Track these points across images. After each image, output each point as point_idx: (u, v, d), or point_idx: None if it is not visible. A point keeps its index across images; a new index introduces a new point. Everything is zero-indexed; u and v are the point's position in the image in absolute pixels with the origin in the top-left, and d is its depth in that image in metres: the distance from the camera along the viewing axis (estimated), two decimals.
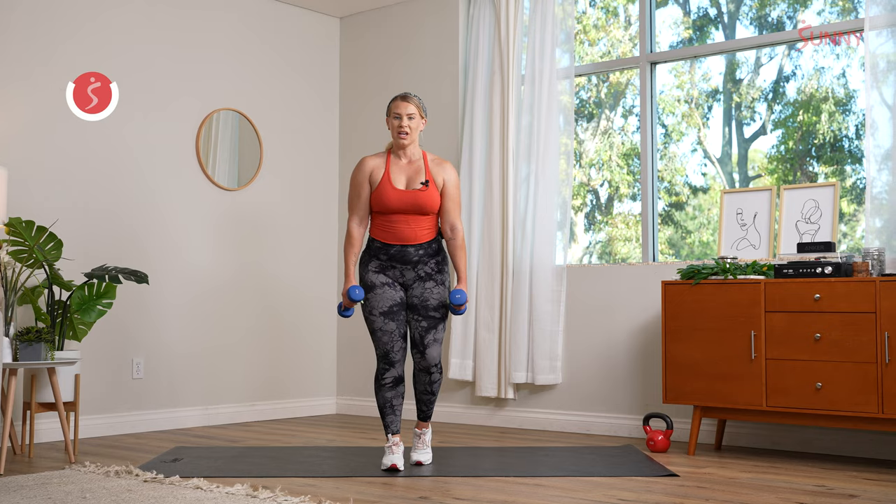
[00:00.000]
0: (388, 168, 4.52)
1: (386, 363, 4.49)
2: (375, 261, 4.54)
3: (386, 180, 4.49)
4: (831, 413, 4.55)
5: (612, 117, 6.44)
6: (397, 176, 4.52)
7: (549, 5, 6.07)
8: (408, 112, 4.51)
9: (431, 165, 4.56)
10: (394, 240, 4.50)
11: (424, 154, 4.59)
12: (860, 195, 5.40)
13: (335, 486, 4.09)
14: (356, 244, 4.57)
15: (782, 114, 5.79)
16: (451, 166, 4.62)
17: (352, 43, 7.19)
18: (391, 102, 4.56)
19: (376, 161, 4.57)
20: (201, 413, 6.23)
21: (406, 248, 4.49)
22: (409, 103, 4.52)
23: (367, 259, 4.57)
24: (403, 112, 4.50)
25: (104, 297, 5.30)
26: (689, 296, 5.00)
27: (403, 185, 4.51)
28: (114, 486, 3.98)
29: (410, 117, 4.51)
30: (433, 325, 4.52)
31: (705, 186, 6.07)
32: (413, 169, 4.54)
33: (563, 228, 6.02)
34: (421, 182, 4.49)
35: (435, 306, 4.53)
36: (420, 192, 4.48)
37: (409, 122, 4.50)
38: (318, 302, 6.97)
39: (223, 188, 6.42)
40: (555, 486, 4.08)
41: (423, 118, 4.57)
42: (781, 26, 5.74)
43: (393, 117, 4.53)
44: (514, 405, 6.16)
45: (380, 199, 4.48)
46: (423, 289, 4.52)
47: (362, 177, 4.54)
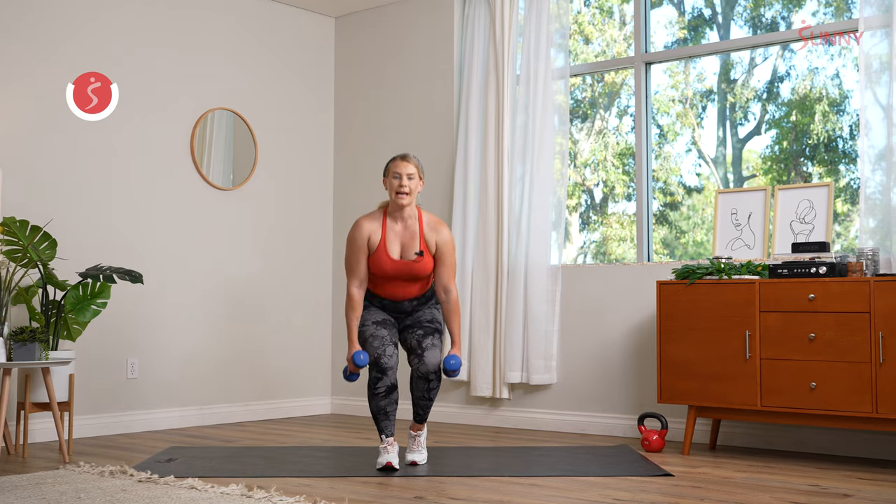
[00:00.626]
0: (384, 234, 4.51)
1: (378, 370, 4.44)
2: (370, 302, 4.64)
3: (382, 249, 4.49)
4: (825, 413, 4.56)
5: (607, 117, 6.44)
6: (392, 243, 4.51)
7: (543, 5, 6.08)
8: (408, 172, 4.47)
9: (426, 230, 4.53)
10: (389, 296, 4.59)
11: (420, 214, 4.56)
12: (854, 195, 5.41)
13: (330, 485, 4.09)
14: (357, 308, 4.53)
15: (776, 114, 5.80)
16: (446, 228, 4.60)
17: (347, 43, 7.18)
18: (390, 162, 4.53)
19: (372, 225, 4.53)
20: (196, 413, 6.23)
21: (400, 302, 4.60)
22: (409, 163, 4.49)
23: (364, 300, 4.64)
24: (403, 172, 4.47)
25: (98, 296, 5.29)
26: (683, 296, 5.00)
27: (398, 253, 4.51)
28: (108, 486, 3.97)
29: (410, 177, 4.47)
30: (429, 333, 4.53)
31: (700, 186, 6.08)
32: (408, 234, 4.53)
33: (558, 228, 6.03)
34: (415, 252, 4.49)
35: (429, 319, 4.58)
36: (414, 262, 4.50)
37: (409, 183, 4.47)
38: (313, 302, 6.97)
39: (218, 188, 6.41)
40: (550, 486, 4.08)
41: (422, 179, 4.54)
42: (776, 27, 5.75)
43: (392, 177, 4.48)
44: (509, 405, 6.17)
45: (376, 266, 4.51)
46: (414, 315, 4.63)
47: (361, 242, 4.51)
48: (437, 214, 6.49)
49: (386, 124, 6.88)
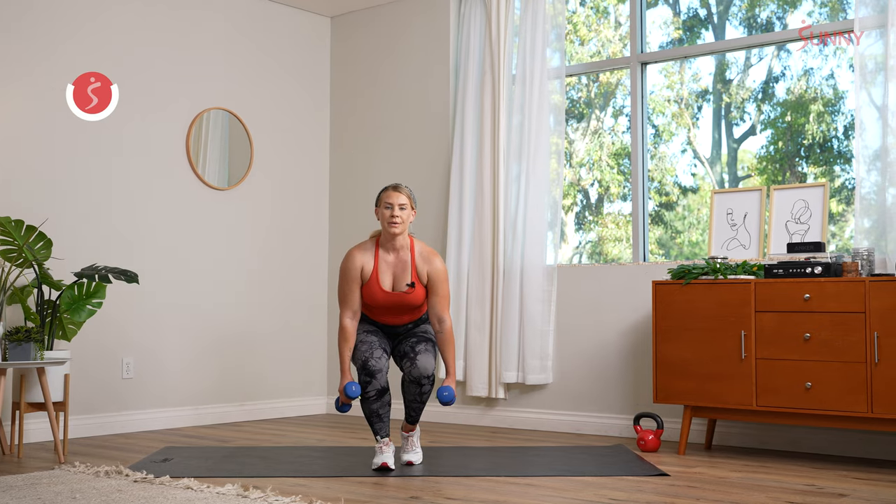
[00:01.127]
0: (376, 264, 4.49)
1: (366, 374, 4.42)
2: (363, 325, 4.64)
3: (374, 280, 4.47)
4: (821, 413, 4.57)
5: (603, 117, 6.45)
6: (384, 275, 4.49)
7: (539, 5, 6.08)
8: (399, 202, 4.45)
9: (418, 261, 4.51)
10: (383, 323, 4.61)
11: (412, 244, 4.54)
12: (849, 195, 5.42)
13: (326, 485, 4.08)
14: (350, 339, 4.49)
15: (771, 114, 5.81)
16: (439, 259, 4.57)
17: (343, 42, 7.18)
18: (382, 192, 4.51)
19: (364, 257, 4.51)
20: (191, 413, 6.22)
21: (394, 327, 4.62)
22: (401, 193, 4.47)
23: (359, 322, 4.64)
24: (395, 202, 4.45)
25: (94, 296, 5.28)
26: (679, 296, 5.01)
27: (390, 285, 4.49)
28: (104, 486, 3.97)
29: (402, 207, 4.45)
30: (423, 340, 4.53)
31: (695, 186, 6.09)
32: (400, 265, 4.50)
33: (554, 228, 6.03)
34: (407, 284, 4.48)
35: (424, 331, 4.60)
36: (406, 294, 4.48)
37: (401, 213, 4.45)
38: (309, 301, 6.96)
39: (213, 188, 6.41)
40: (546, 486, 4.08)
41: (414, 209, 4.52)
42: (771, 27, 5.76)
43: (384, 207, 4.47)
44: (505, 405, 6.17)
45: (368, 296, 4.50)
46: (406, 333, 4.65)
47: (354, 274, 4.49)
48: (432, 214, 6.50)
49: (382, 124, 6.88)
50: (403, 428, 4.66)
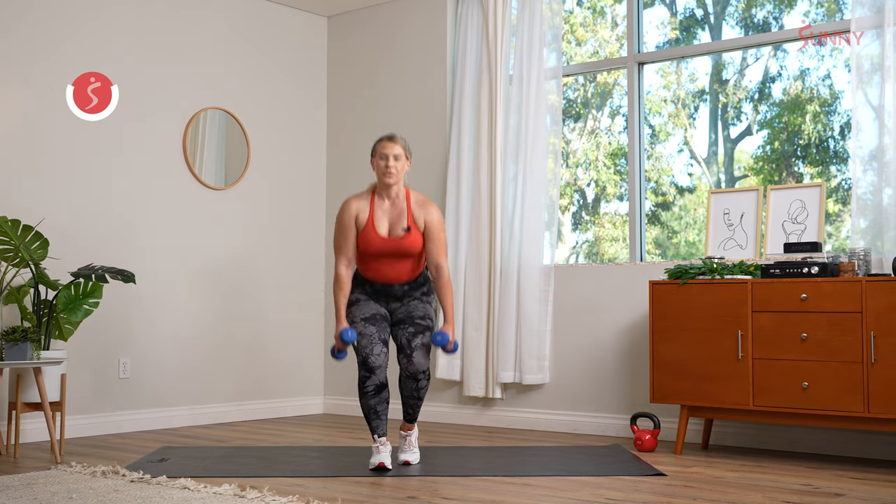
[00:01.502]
0: (371, 211, 4.51)
1: (366, 370, 4.43)
2: (361, 289, 4.60)
3: (370, 226, 4.48)
4: (818, 412, 4.57)
5: (599, 117, 6.45)
6: (380, 220, 4.50)
7: (536, 5, 6.08)
8: (394, 153, 4.48)
9: (414, 208, 4.53)
10: (379, 279, 4.55)
11: (408, 193, 4.57)
12: (845, 195, 5.43)
13: (323, 485, 4.08)
14: (345, 286, 4.51)
15: (768, 114, 5.82)
16: (435, 207, 4.60)
17: (339, 42, 7.18)
18: (377, 143, 4.54)
19: (360, 203, 4.53)
20: (188, 413, 6.21)
21: (391, 286, 4.56)
22: (396, 144, 4.50)
23: (355, 286, 4.60)
24: (390, 153, 4.48)
25: (90, 296, 5.28)
26: (676, 296, 5.01)
27: (386, 230, 4.50)
28: (100, 486, 3.96)
29: (396, 158, 4.48)
30: (420, 331, 4.50)
31: (691, 186, 6.09)
32: (396, 212, 4.52)
33: (551, 228, 6.03)
34: (403, 228, 4.48)
35: (421, 315, 4.53)
36: (402, 239, 4.48)
37: (395, 164, 4.47)
38: (306, 301, 6.96)
39: (210, 187, 6.40)
40: (543, 486, 4.09)
41: (409, 159, 4.55)
42: (767, 27, 5.76)
43: (379, 158, 4.50)
44: (502, 405, 6.17)
45: (364, 244, 4.50)
46: (407, 305, 4.58)
47: (348, 221, 4.51)
48: None
49: (378, 124, 6.87)
50: (402, 427, 4.66)
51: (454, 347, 4.45)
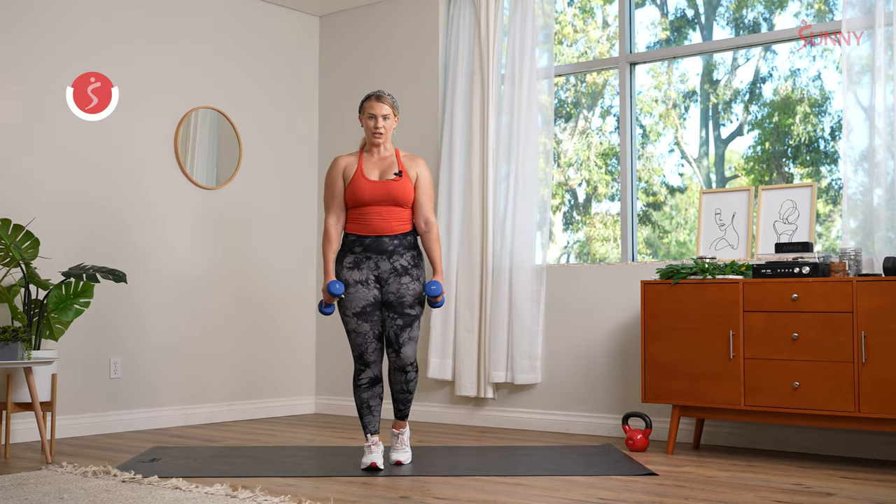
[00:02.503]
0: (360, 163, 4.58)
1: (361, 364, 4.53)
2: (350, 255, 4.53)
3: (359, 173, 4.53)
4: (809, 412, 4.59)
5: (590, 117, 6.46)
6: (370, 169, 4.56)
7: (528, 5, 6.09)
8: (382, 112, 4.54)
9: (404, 160, 4.62)
10: (368, 231, 4.52)
11: (397, 151, 4.65)
12: (835, 196, 5.44)
13: (315, 485, 4.08)
14: (334, 241, 4.57)
15: (759, 115, 5.83)
16: (424, 162, 4.68)
17: (331, 41, 7.17)
18: (364, 101, 4.59)
19: (349, 158, 4.62)
20: (179, 413, 6.20)
21: (381, 238, 4.51)
22: (384, 103, 4.55)
23: (342, 255, 4.58)
24: (378, 113, 4.54)
25: (81, 296, 5.26)
26: (668, 296, 5.02)
27: (377, 176, 4.55)
28: (91, 486, 3.95)
29: (385, 117, 4.55)
30: (409, 324, 4.51)
31: (682, 187, 6.10)
32: (386, 163, 4.59)
33: (543, 228, 6.04)
34: (394, 173, 4.54)
35: (411, 303, 4.52)
36: (393, 182, 4.51)
37: (384, 123, 4.55)
38: (297, 302, 6.95)
39: (202, 186, 6.39)
40: (534, 486, 4.09)
41: (396, 116, 4.62)
42: (758, 28, 5.78)
43: (367, 117, 4.56)
44: (494, 405, 6.17)
45: (354, 192, 4.51)
46: (398, 284, 4.51)
47: (336, 173, 4.59)
48: None
49: None
50: (394, 425, 4.66)
51: (441, 301, 4.53)
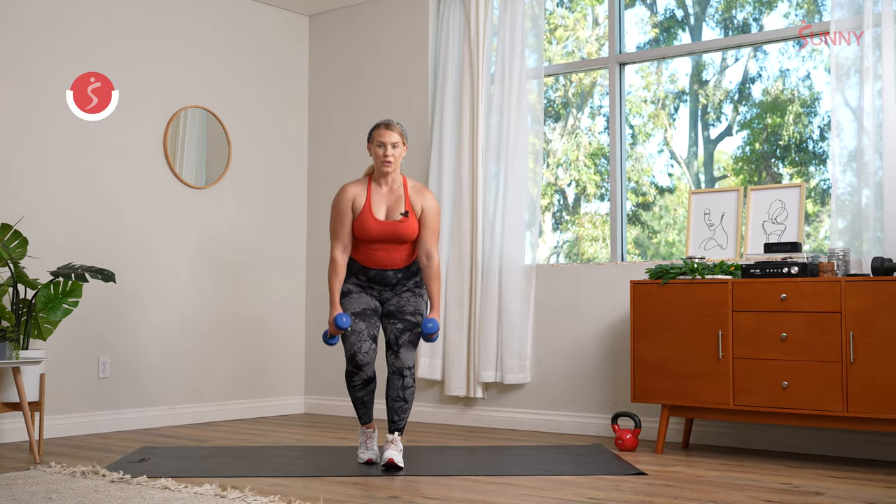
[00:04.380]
0: (368, 196, 4.53)
1: (353, 366, 4.49)
2: (354, 279, 4.61)
3: (367, 210, 4.50)
4: (797, 412, 4.60)
5: (580, 117, 6.46)
6: (378, 205, 4.53)
7: (518, 5, 6.09)
8: (392, 141, 4.50)
9: (411, 193, 4.57)
10: (373, 264, 4.56)
11: (405, 180, 4.60)
12: (823, 196, 5.46)
13: (305, 485, 4.08)
14: (340, 271, 4.54)
15: (748, 115, 5.84)
16: (432, 194, 4.63)
17: (321, 41, 7.16)
18: (374, 130, 4.55)
19: (357, 189, 4.56)
20: (168, 413, 6.19)
21: (385, 272, 4.57)
22: (393, 132, 4.51)
23: (349, 274, 4.62)
24: (388, 141, 4.50)
25: (70, 295, 5.24)
26: (657, 295, 5.03)
27: (383, 214, 4.52)
28: (80, 486, 3.94)
29: (394, 146, 4.51)
30: (409, 328, 4.53)
31: (671, 187, 6.12)
32: (393, 198, 4.55)
33: (532, 228, 6.04)
34: (401, 213, 4.51)
35: (412, 311, 4.57)
36: (400, 223, 4.51)
37: (394, 151, 4.50)
38: (287, 301, 6.95)
39: (191, 186, 6.37)
40: (524, 485, 4.09)
41: (405, 145, 4.58)
42: (747, 28, 5.79)
43: (377, 146, 4.52)
44: (483, 404, 6.17)
45: (361, 229, 4.51)
46: (399, 297, 4.60)
47: (345, 205, 4.54)
48: None
49: (360, 122, 6.86)
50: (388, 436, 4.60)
51: (436, 338, 4.51)
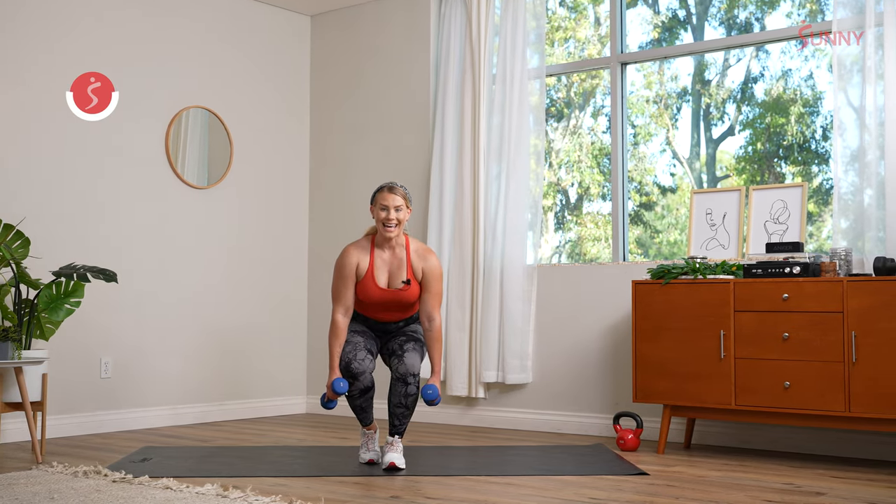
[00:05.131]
0: (371, 262, 4.52)
1: (350, 375, 4.45)
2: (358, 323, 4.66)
3: (369, 277, 4.50)
4: (799, 412, 4.60)
5: (582, 117, 6.46)
6: (380, 271, 4.52)
7: (519, 5, 6.09)
8: (395, 204, 4.47)
9: (413, 258, 4.55)
10: (375, 319, 4.63)
11: (408, 242, 4.58)
12: (826, 195, 5.46)
13: (306, 485, 4.08)
14: (341, 335, 4.50)
15: (750, 115, 5.84)
16: (435, 257, 4.61)
17: (323, 41, 7.16)
18: (377, 193, 4.53)
19: (360, 254, 4.54)
20: (170, 413, 6.19)
21: (388, 324, 4.65)
22: (396, 195, 4.48)
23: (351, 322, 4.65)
24: (391, 204, 4.47)
25: (72, 295, 5.24)
26: (659, 295, 5.02)
27: (385, 282, 4.52)
28: (82, 486, 3.94)
29: (398, 209, 4.48)
30: (412, 339, 4.57)
31: (674, 187, 6.11)
32: (396, 262, 4.54)
33: (534, 228, 6.04)
34: (402, 281, 4.51)
35: (413, 330, 4.63)
36: (401, 291, 4.51)
37: (397, 214, 4.47)
38: (288, 301, 6.95)
39: (193, 186, 6.38)
40: (525, 485, 4.09)
41: (409, 208, 4.55)
42: (749, 28, 5.79)
43: (380, 208, 4.49)
44: (485, 404, 6.17)
45: (363, 293, 4.53)
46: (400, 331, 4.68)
47: (349, 271, 4.51)
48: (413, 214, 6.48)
49: (361, 123, 6.86)
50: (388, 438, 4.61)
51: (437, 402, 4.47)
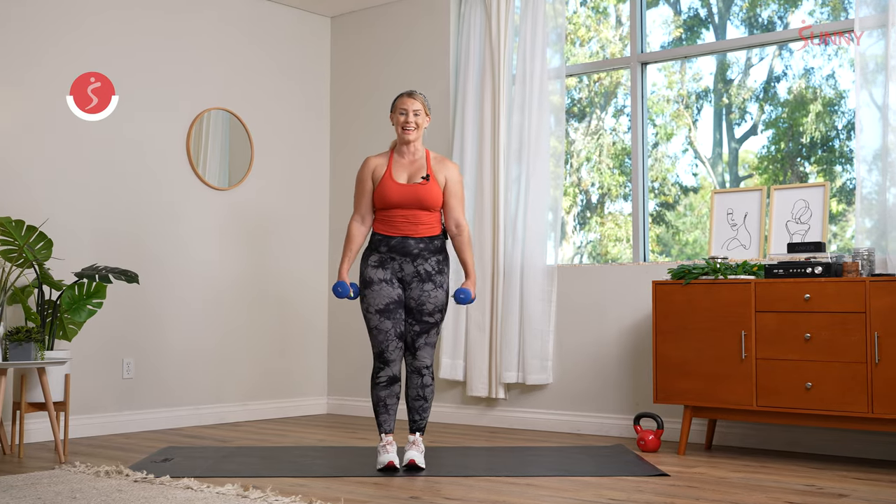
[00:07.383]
0: (390, 164, 4.58)
1: (381, 362, 4.53)
2: (376, 254, 4.56)
3: (388, 176, 4.54)
4: (821, 413, 4.56)
5: (603, 117, 6.44)
6: (399, 172, 4.56)
7: (539, 5, 6.08)
8: (414, 108, 4.55)
9: (433, 163, 4.61)
10: (394, 232, 4.53)
11: (427, 152, 4.64)
12: (849, 195, 5.41)
13: (326, 485, 4.08)
14: (353, 242, 4.61)
15: (773, 114, 5.80)
16: (454, 164, 4.68)
17: (342, 42, 7.18)
18: (397, 99, 4.61)
19: (379, 159, 4.63)
20: (191, 413, 6.22)
21: (406, 240, 4.52)
22: (415, 100, 4.57)
23: (368, 253, 4.60)
24: (409, 108, 4.55)
25: (94, 296, 5.28)
26: (679, 296, 5.00)
27: (405, 179, 4.55)
28: (104, 486, 3.97)
29: (416, 113, 4.55)
30: (426, 330, 4.54)
31: (696, 186, 6.08)
32: (415, 166, 4.58)
33: (555, 228, 6.03)
34: (422, 176, 4.53)
35: (430, 311, 4.54)
36: (420, 185, 4.51)
37: (415, 118, 4.55)
38: (309, 302, 6.96)
39: (214, 188, 6.41)
40: (545, 486, 4.08)
41: (428, 115, 4.62)
42: (772, 27, 5.75)
43: (398, 113, 4.57)
44: (505, 405, 6.17)
45: (381, 194, 4.53)
46: (421, 290, 4.53)
47: (366, 174, 4.60)
48: None
49: (381, 124, 6.86)
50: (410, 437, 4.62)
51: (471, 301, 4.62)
